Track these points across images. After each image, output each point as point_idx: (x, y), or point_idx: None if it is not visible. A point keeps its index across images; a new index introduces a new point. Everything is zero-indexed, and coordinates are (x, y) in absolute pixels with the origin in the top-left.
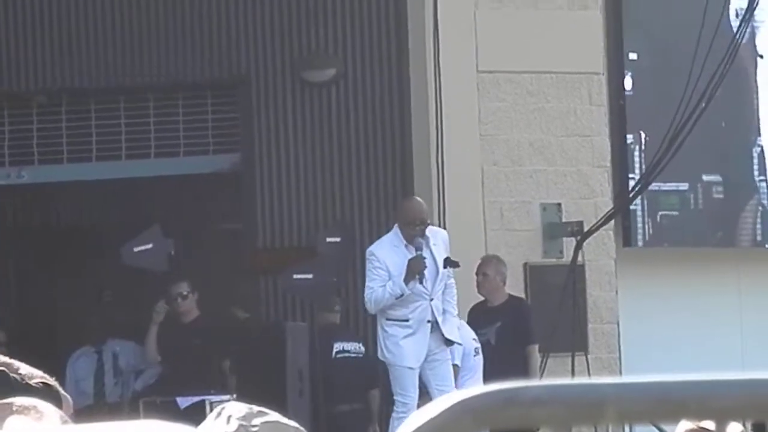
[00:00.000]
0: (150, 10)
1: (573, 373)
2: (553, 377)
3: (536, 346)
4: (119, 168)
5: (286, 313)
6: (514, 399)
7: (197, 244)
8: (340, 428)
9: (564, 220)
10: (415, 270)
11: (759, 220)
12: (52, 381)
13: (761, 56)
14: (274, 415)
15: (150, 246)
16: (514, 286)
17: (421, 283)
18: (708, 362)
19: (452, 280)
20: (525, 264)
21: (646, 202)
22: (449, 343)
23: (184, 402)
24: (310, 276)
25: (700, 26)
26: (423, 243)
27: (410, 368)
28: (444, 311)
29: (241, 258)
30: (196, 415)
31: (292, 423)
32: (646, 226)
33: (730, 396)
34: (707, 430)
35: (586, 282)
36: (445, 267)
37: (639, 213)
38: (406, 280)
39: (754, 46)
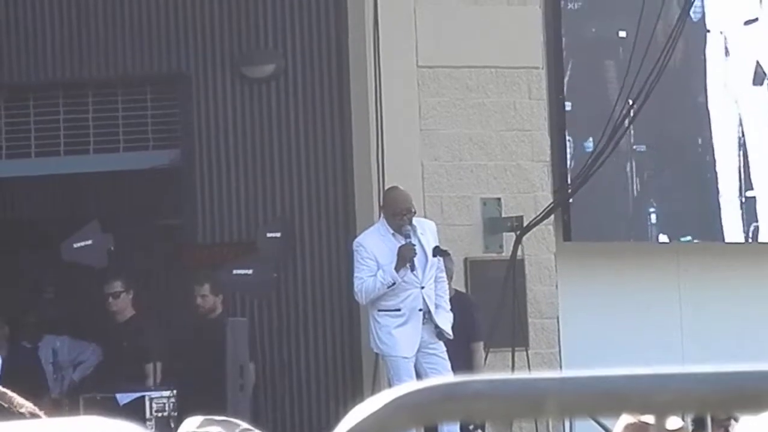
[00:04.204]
0: (89, 4)
1: (513, 369)
2: (493, 372)
3: (481, 343)
4: (58, 164)
5: (227, 308)
6: (454, 394)
7: (137, 240)
8: None
9: (504, 214)
10: (406, 257)
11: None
12: (39, 412)
13: (708, 30)
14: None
15: (89, 242)
16: (455, 281)
17: (412, 271)
18: (648, 357)
19: (443, 274)
20: (465, 259)
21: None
22: (440, 336)
23: (123, 398)
24: (250, 271)
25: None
26: (410, 230)
27: (405, 358)
28: (437, 305)
29: (181, 254)
30: (136, 410)
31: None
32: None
33: (670, 390)
34: (647, 424)
35: (526, 277)
36: (434, 255)
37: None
38: (397, 268)
39: (704, 23)
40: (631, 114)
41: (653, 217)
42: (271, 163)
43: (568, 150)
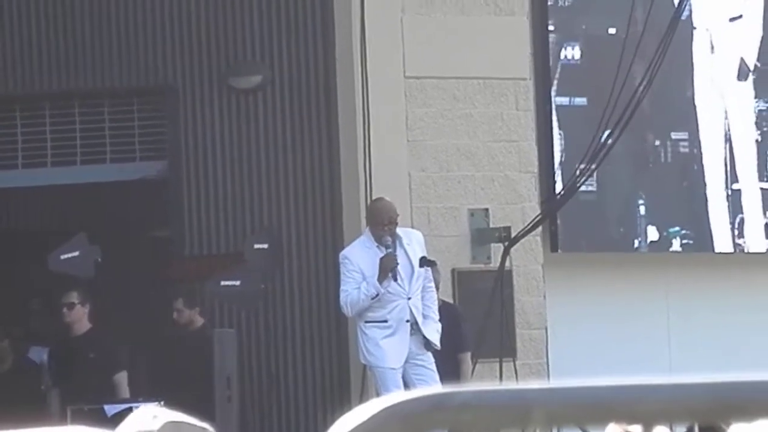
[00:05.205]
0: (75, 16)
1: (501, 379)
2: (481, 383)
3: (469, 354)
4: (45, 175)
5: (213, 319)
6: (442, 404)
7: (124, 251)
8: None
9: (492, 225)
10: (387, 267)
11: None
12: None
13: (695, 27)
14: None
15: (77, 253)
16: (442, 292)
17: (395, 281)
18: (636, 367)
19: (432, 284)
20: (453, 270)
21: None
22: (428, 346)
23: (111, 409)
24: (237, 283)
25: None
26: (390, 241)
27: (392, 369)
28: (425, 316)
29: (169, 265)
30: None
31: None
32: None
33: (657, 400)
34: None
35: (514, 287)
36: (421, 266)
37: None
38: (380, 279)
39: (691, 20)
40: (626, 117)
41: (642, 209)
42: (259, 174)
43: (558, 148)
